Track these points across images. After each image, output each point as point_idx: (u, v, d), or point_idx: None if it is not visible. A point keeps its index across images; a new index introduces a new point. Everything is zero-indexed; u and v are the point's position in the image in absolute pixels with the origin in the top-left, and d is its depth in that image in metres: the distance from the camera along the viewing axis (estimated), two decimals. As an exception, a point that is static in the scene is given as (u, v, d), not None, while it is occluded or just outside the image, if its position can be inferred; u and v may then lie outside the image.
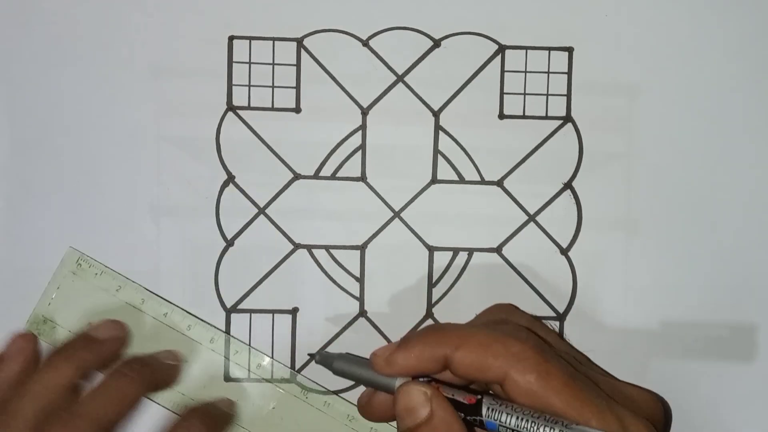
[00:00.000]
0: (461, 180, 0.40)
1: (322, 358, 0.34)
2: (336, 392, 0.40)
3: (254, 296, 0.40)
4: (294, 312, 0.40)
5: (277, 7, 0.40)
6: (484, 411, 0.30)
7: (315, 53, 0.40)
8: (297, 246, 0.40)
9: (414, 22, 0.40)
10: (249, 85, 0.40)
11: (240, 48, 0.40)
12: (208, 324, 0.40)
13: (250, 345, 0.40)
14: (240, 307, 0.40)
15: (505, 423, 0.29)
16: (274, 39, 0.40)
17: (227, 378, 0.40)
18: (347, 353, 0.34)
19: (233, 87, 0.40)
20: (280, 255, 0.40)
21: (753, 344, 0.40)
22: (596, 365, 0.37)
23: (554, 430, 0.28)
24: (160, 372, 0.38)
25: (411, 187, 0.40)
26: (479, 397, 0.30)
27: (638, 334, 0.39)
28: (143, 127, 0.40)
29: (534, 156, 0.40)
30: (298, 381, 0.40)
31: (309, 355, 0.39)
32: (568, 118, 0.40)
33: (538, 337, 0.33)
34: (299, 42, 0.40)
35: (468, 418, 0.30)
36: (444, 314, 0.40)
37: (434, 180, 0.40)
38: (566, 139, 0.40)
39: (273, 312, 0.40)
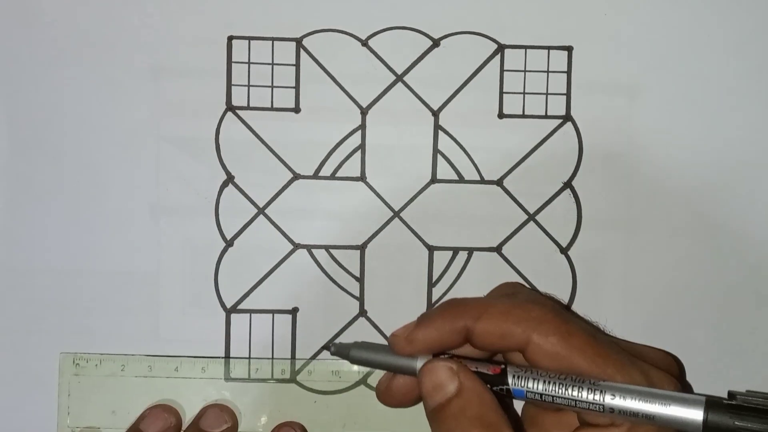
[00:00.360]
0: (461, 179, 0.40)
1: (338, 348, 0.33)
2: (334, 392, 0.40)
3: (254, 296, 0.40)
4: (294, 312, 0.40)
5: (276, 7, 0.40)
6: (510, 379, 0.30)
7: (314, 53, 0.40)
8: (297, 246, 0.40)
9: (413, 22, 0.40)
10: (248, 85, 0.40)
11: (239, 48, 0.40)
12: (213, 358, 0.40)
13: (250, 341, 0.40)
14: (240, 307, 0.40)
15: (533, 389, 0.29)
16: (273, 39, 0.40)
17: (227, 378, 0.40)
18: (362, 341, 0.33)
19: (232, 87, 0.40)
20: (279, 255, 0.40)
21: (753, 344, 0.40)
22: (621, 339, 0.37)
23: (582, 388, 0.28)
24: None
25: (411, 186, 0.40)
26: (503, 366, 0.30)
27: (637, 334, 0.39)
28: (143, 127, 0.40)
29: (534, 155, 0.40)
30: (298, 381, 0.40)
31: (324, 348, 0.39)
32: (567, 118, 0.40)
33: (557, 303, 0.33)
34: (298, 42, 0.40)
35: (494, 388, 0.30)
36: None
37: (434, 179, 0.40)
38: (566, 139, 0.40)
39: (273, 312, 0.40)
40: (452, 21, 0.39)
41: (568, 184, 0.40)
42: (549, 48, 0.40)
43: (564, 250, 0.40)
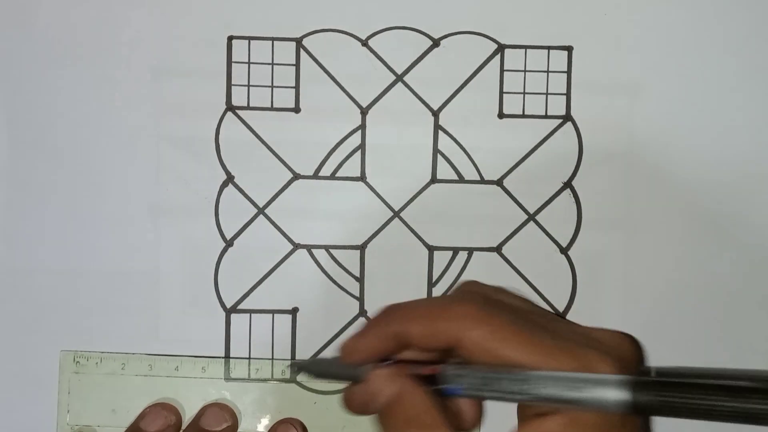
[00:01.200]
0: (461, 179, 0.40)
1: (298, 366, 0.36)
2: (334, 392, 0.40)
3: (254, 296, 0.40)
4: (294, 312, 0.40)
5: (276, 7, 0.40)
6: (446, 378, 0.30)
7: (314, 53, 0.40)
8: (297, 246, 0.40)
9: (413, 22, 0.40)
10: (248, 85, 0.40)
11: (239, 48, 0.40)
12: (213, 357, 0.40)
13: (250, 341, 0.40)
14: (240, 307, 0.40)
15: (466, 385, 0.30)
16: (273, 39, 0.40)
17: (227, 378, 0.40)
18: (319, 357, 0.35)
19: (232, 87, 0.40)
20: (279, 255, 0.40)
21: (753, 344, 0.40)
22: (572, 322, 0.36)
23: (510, 380, 0.28)
24: None
25: (411, 186, 0.40)
26: (440, 366, 0.31)
27: (637, 334, 0.39)
28: (142, 127, 0.40)
29: (534, 155, 0.40)
30: (298, 381, 0.40)
31: (288, 366, 0.39)
32: (567, 117, 0.40)
33: (485, 296, 0.33)
34: (298, 42, 0.40)
35: (434, 389, 0.31)
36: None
37: (434, 179, 0.40)
38: (566, 138, 0.40)
39: (273, 312, 0.40)
40: (452, 21, 0.39)
41: (568, 184, 0.40)
42: (549, 48, 0.40)
43: (564, 250, 0.40)
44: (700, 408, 0.24)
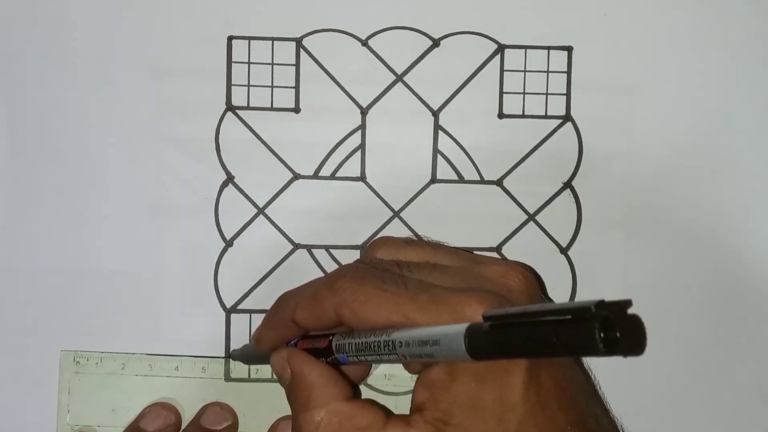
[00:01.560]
0: (461, 179, 0.40)
1: (232, 354, 0.39)
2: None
3: (254, 296, 0.40)
4: (294, 312, 0.40)
5: (276, 7, 0.40)
6: (333, 348, 0.32)
7: (314, 53, 0.40)
8: (297, 246, 0.40)
9: (413, 22, 0.40)
10: (248, 85, 0.40)
11: (239, 48, 0.40)
12: (213, 357, 0.40)
13: (250, 341, 0.40)
14: (240, 307, 0.40)
15: (348, 351, 0.31)
16: (273, 39, 0.40)
17: (228, 378, 0.40)
18: (246, 345, 0.38)
19: (232, 87, 0.40)
20: (279, 255, 0.40)
21: (753, 344, 0.40)
22: (475, 256, 0.36)
23: (379, 344, 0.29)
24: None
25: (411, 186, 0.40)
26: (330, 337, 0.32)
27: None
28: (143, 127, 0.40)
29: (533, 155, 0.40)
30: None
31: (227, 356, 0.40)
32: (567, 118, 0.40)
33: (363, 266, 0.33)
34: (298, 42, 0.40)
35: (328, 360, 0.32)
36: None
37: (434, 180, 0.40)
38: (566, 139, 0.40)
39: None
40: (452, 21, 0.39)
41: (568, 184, 0.40)
42: (549, 48, 0.40)
43: (564, 250, 0.40)
44: (526, 346, 0.25)
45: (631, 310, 0.36)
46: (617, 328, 0.23)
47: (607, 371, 0.37)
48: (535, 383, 0.29)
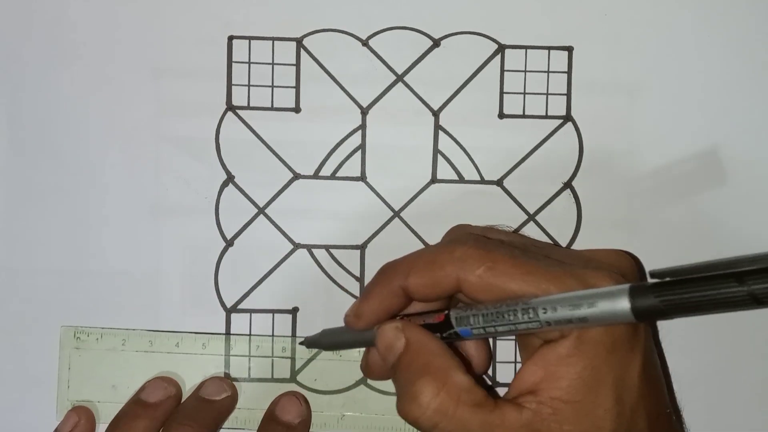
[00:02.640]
0: (461, 179, 0.40)
1: (309, 341, 0.36)
2: (334, 392, 0.40)
3: (254, 296, 0.40)
4: (294, 312, 0.40)
5: (276, 6, 0.40)
6: (453, 321, 0.31)
7: (314, 53, 0.40)
8: (297, 246, 0.40)
9: (413, 22, 0.40)
10: (248, 85, 0.40)
11: (239, 48, 0.40)
12: (222, 333, 0.40)
13: (250, 341, 0.40)
14: (240, 307, 0.40)
15: (474, 324, 0.30)
16: (273, 39, 0.40)
17: (228, 378, 0.40)
18: (329, 328, 0.36)
19: (233, 87, 0.40)
20: (280, 255, 0.40)
21: (753, 344, 0.40)
22: (569, 249, 0.36)
23: (516, 311, 0.29)
24: (215, 411, 0.38)
25: (411, 186, 0.40)
26: (447, 312, 0.31)
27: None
28: (143, 127, 0.40)
29: (534, 155, 0.40)
30: (299, 381, 0.40)
31: (300, 343, 0.39)
32: (568, 118, 0.40)
33: (480, 236, 0.32)
34: (299, 42, 0.40)
35: (443, 335, 0.31)
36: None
37: (434, 179, 0.40)
38: (566, 139, 0.40)
39: (273, 312, 0.40)
40: (452, 21, 0.39)
41: (568, 184, 0.40)
42: (549, 48, 0.40)
43: (564, 250, 0.40)
44: (704, 300, 0.24)
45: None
46: None
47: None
48: (648, 367, 0.29)
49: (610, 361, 0.28)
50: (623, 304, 0.26)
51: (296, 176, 0.40)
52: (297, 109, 0.40)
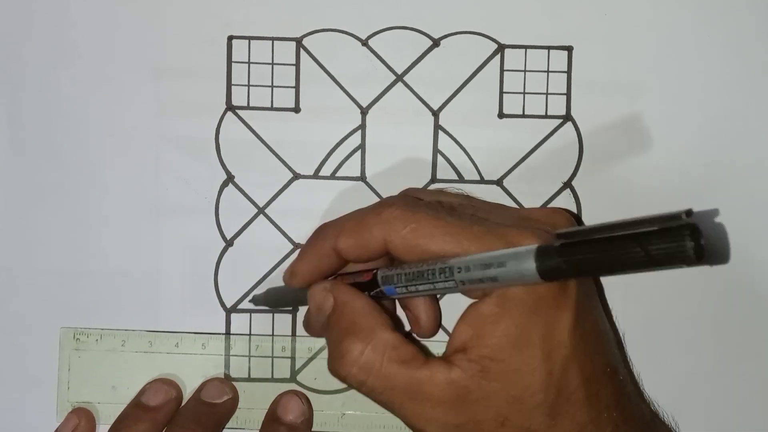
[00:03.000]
0: (461, 179, 0.40)
1: (255, 299, 0.39)
2: (334, 392, 0.40)
3: (254, 296, 0.40)
4: (294, 312, 0.40)
5: (276, 6, 0.40)
6: (379, 281, 0.31)
7: (314, 53, 0.40)
8: (297, 246, 0.40)
9: (413, 22, 0.39)
10: (248, 85, 0.40)
11: (239, 48, 0.40)
12: (222, 333, 0.40)
13: (249, 341, 0.40)
14: (240, 307, 0.40)
15: (397, 283, 0.31)
16: (273, 39, 0.40)
17: (228, 378, 0.40)
18: (271, 288, 0.38)
19: (232, 87, 0.40)
20: (280, 255, 0.40)
21: (753, 344, 0.40)
22: (513, 207, 0.36)
23: (434, 272, 0.29)
24: (217, 414, 0.39)
25: (410, 186, 0.40)
26: (374, 271, 0.32)
27: (637, 334, 0.39)
28: (143, 127, 0.40)
29: (534, 155, 0.40)
30: (299, 380, 0.40)
31: (248, 300, 0.40)
32: (567, 117, 0.40)
33: (411, 197, 0.33)
34: (298, 42, 0.40)
35: (372, 294, 0.32)
36: (445, 313, 0.40)
37: (434, 179, 0.40)
38: (566, 139, 0.40)
39: (273, 312, 0.40)
40: (452, 21, 0.39)
41: (568, 184, 0.40)
42: (549, 48, 0.40)
43: (564, 250, 0.40)
44: (605, 261, 0.24)
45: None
46: (703, 237, 0.22)
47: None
48: (580, 325, 0.29)
49: (534, 319, 0.28)
50: (530, 265, 0.26)
51: (296, 176, 0.40)
52: (297, 109, 0.40)
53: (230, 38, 0.40)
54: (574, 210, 0.40)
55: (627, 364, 0.35)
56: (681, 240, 0.22)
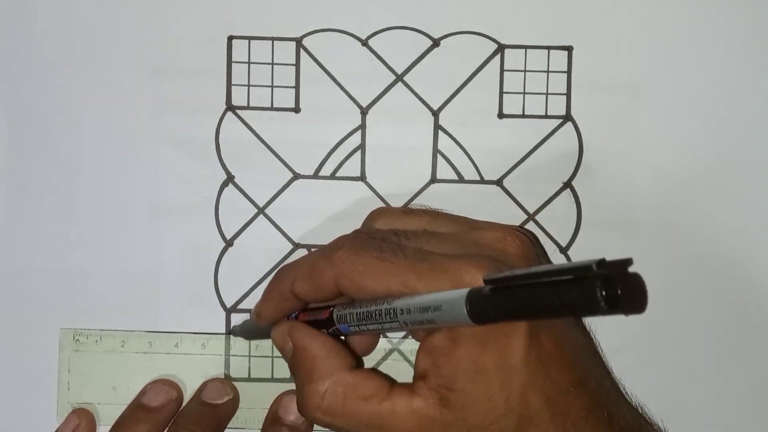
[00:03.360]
0: (461, 179, 0.40)
1: (233, 331, 0.39)
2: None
3: (254, 296, 0.40)
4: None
5: (276, 7, 0.40)
6: (335, 319, 0.32)
7: (314, 53, 0.40)
8: (297, 246, 0.40)
9: (413, 22, 0.39)
10: (248, 85, 0.40)
11: (239, 48, 0.40)
12: (222, 333, 0.40)
13: (250, 345, 0.40)
14: (240, 307, 0.40)
15: (350, 321, 0.31)
16: (273, 39, 0.40)
17: (228, 377, 0.40)
18: (246, 321, 0.39)
19: (232, 87, 0.40)
20: (279, 255, 0.40)
21: (754, 344, 0.40)
22: (471, 222, 0.35)
23: (380, 313, 0.29)
24: (217, 415, 0.39)
25: (410, 186, 0.40)
26: (331, 308, 0.32)
27: (636, 335, 0.39)
28: (143, 127, 0.40)
29: (533, 155, 0.40)
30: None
31: (227, 333, 0.40)
32: (567, 117, 0.40)
33: (360, 235, 0.33)
34: (298, 42, 0.40)
35: (329, 331, 0.32)
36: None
37: (434, 179, 0.40)
38: (566, 139, 0.40)
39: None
40: (452, 21, 0.39)
41: (568, 184, 0.40)
42: (549, 48, 0.40)
43: (564, 250, 0.40)
44: (527, 309, 0.24)
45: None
46: (618, 286, 0.23)
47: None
48: (536, 346, 0.29)
49: (485, 349, 0.28)
50: (461, 310, 0.26)
51: (296, 176, 0.40)
52: (297, 109, 0.40)
53: (230, 38, 0.40)
54: (574, 210, 0.40)
55: (604, 370, 0.35)
56: (592, 291, 0.22)
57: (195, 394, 0.39)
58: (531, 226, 0.40)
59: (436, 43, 0.40)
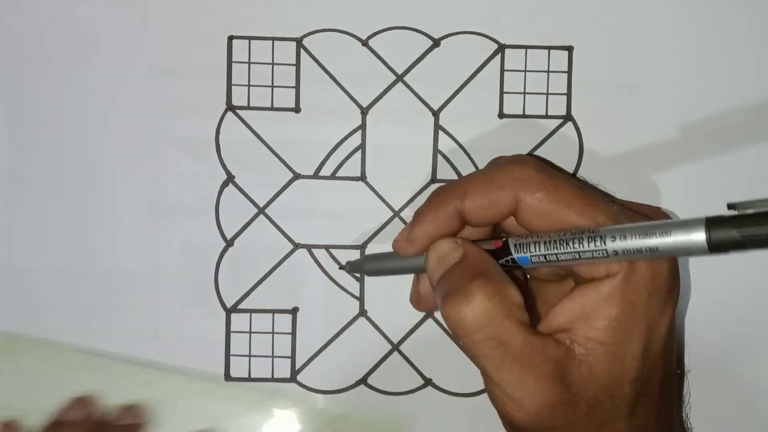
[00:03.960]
0: (461, 179, 0.40)
1: (351, 265, 0.36)
2: (334, 392, 0.40)
3: (254, 296, 0.40)
4: (294, 312, 0.40)
5: (276, 7, 0.40)
6: (512, 249, 0.29)
7: (314, 53, 0.40)
8: (297, 246, 0.40)
9: (413, 22, 0.39)
10: (248, 85, 0.40)
11: (239, 48, 0.40)
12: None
13: (250, 341, 0.40)
14: (240, 307, 0.40)
15: (535, 251, 0.29)
16: (273, 39, 0.40)
17: (228, 378, 0.40)
18: (372, 254, 0.36)
19: (233, 87, 0.40)
20: (280, 255, 0.40)
21: (754, 344, 0.40)
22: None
23: (582, 239, 0.27)
24: None
25: (411, 186, 0.40)
26: (504, 238, 0.30)
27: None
28: (143, 127, 0.40)
29: (534, 155, 0.40)
30: (299, 381, 0.40)
31: (339, 267, 0.39)
32: (568, 117, 0.40)
33: (537, 159, 0.31)
34: (299, 42, 0.40)
35: (501, 262, 0.30)
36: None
37: (434, 179, 0.40)
38: (566, 139, 0.40)
39: (273, 312, 0.40)
40: (452, 21, 0.39)
41: (568, 184, 0.40)
42: (549, 48, 0.40)
43: (564, 250, 0.40)
44: None
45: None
46: None
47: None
48: (673, 322, 0.29)
49: (648, 305, 0.27)
50: (699, 236, 0.25)
51: (296, 176, 0.40)
52: (297, 109, 0.40)
53: (230, 38, 0.40)
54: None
55: (683, 368, 0.35)
56: None
57: (107, 416, 0.39)
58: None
59: (436, 43, 0.40)
